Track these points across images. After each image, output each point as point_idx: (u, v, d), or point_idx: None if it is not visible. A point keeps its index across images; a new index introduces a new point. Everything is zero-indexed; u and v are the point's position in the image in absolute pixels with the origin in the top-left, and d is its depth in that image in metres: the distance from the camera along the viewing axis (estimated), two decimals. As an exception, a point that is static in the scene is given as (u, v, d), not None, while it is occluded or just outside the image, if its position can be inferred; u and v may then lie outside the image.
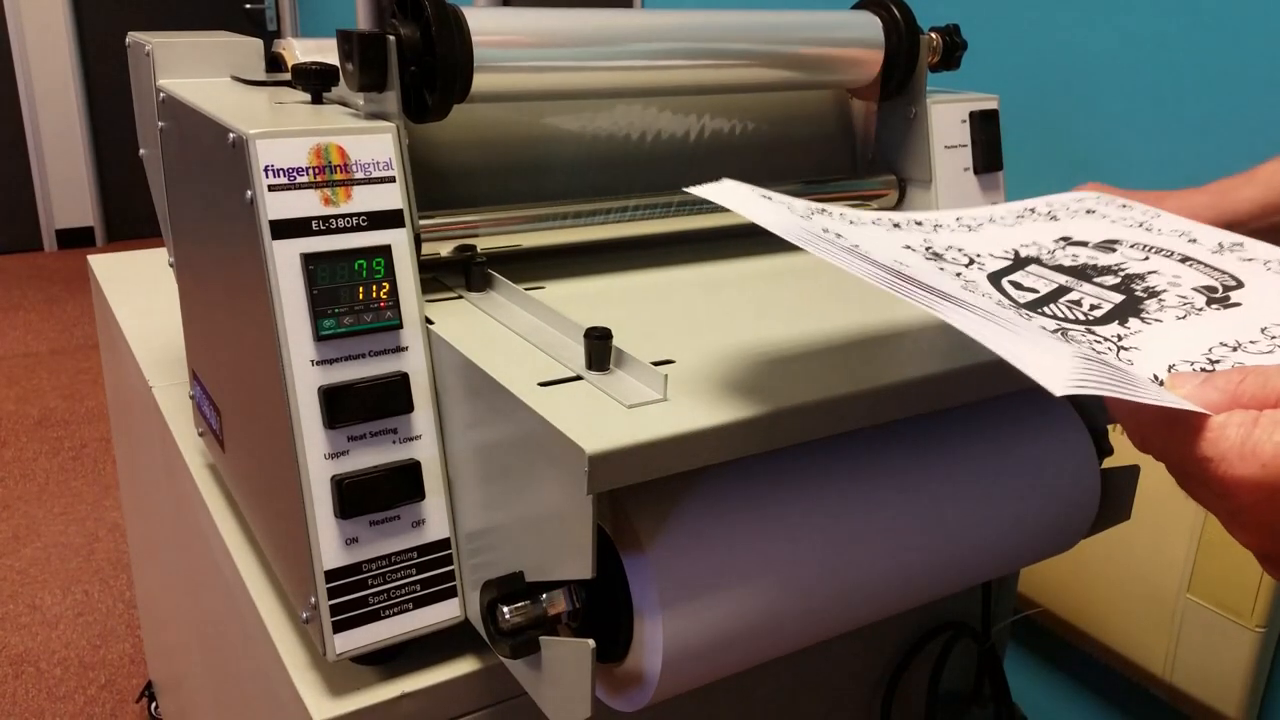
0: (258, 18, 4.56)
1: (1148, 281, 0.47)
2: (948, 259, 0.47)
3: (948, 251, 0.48)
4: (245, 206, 0.49)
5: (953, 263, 0.46)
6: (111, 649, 1.85)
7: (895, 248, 0.46)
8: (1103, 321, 0.43)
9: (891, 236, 0.47)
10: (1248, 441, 0.34)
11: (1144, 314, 0.44)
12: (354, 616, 0.50)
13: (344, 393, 0.49)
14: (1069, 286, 0.47)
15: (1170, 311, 0.44)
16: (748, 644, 0.49)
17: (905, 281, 0.38)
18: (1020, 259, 0.49)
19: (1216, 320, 0.44)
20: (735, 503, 0.48)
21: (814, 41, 0.67)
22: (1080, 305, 0.44)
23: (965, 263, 0.47)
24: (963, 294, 0.39)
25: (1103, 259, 0.50)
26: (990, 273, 0.46)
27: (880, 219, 0.50)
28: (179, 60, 0.70)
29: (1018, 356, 0.34)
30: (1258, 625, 0.92)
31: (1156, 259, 0.50)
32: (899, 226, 0.50)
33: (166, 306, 1.04)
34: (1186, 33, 0.96)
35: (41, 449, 2.60)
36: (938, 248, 0.48)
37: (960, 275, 0.44)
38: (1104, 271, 0.48)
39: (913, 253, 0.46)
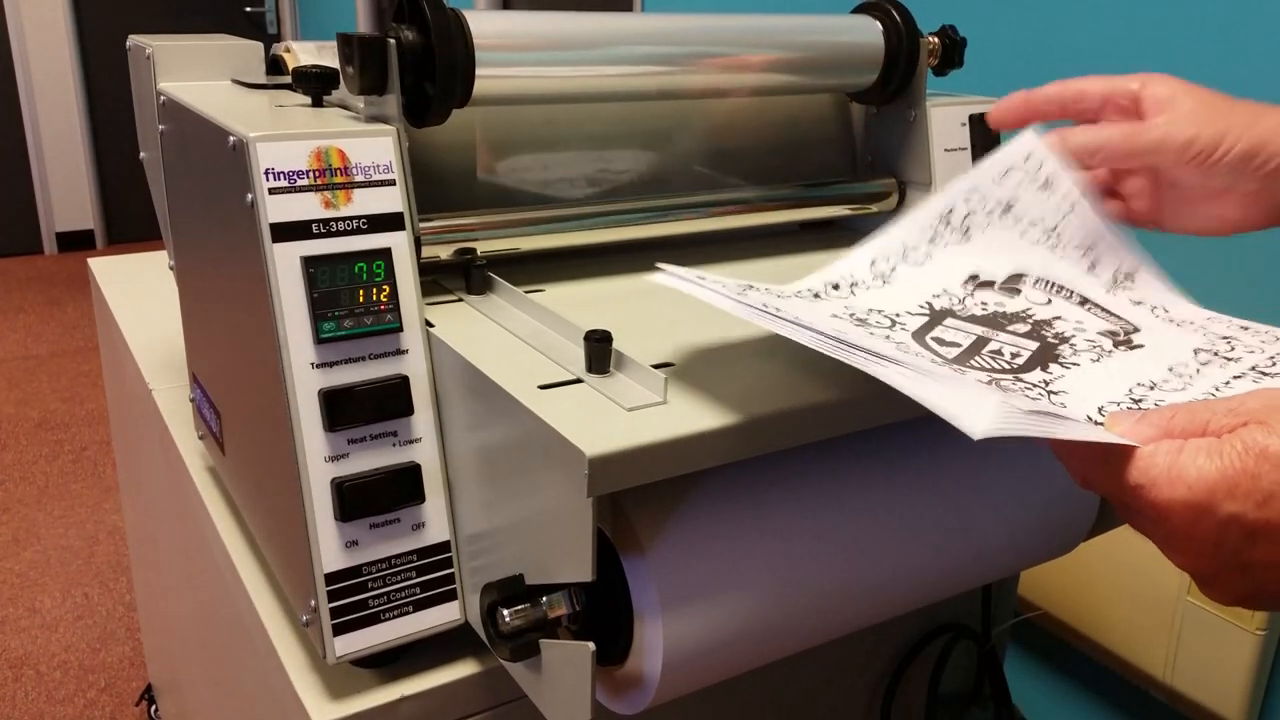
0: (258, 21, 4.56)
1: (1055, 328, 0.50)
2: (872, 323, 0.50)
3: (870, 315, 0.50)
4: (246, 209, 0.49)
5: (878, 326, 0.49)
6: (111, 652, 1.85)
7: (824, 317, 0.48)
8: (1026, 369, 0.46)
9: (815, 308, 0.50)
10: (1174, 467, 0.36)
11: (1060, 359, 0.47)
12: (354, 619, 0.50)
13: (344, 395, 0.49)
14: (987, 337, 0.50)
15: (1084, 355, 0.48)
16: (748, 646, 0.49)
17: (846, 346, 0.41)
18: (935, 313, 0.51)
19: (1128, 361, 0.47)
20: (735, 505, 0.48)
21: (814, 45, 0.67)
22: (1002, 355, 0.47)
23: (888, 325, 0.50)
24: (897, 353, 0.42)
25: (1009, 305, 0.53)
26: (913, 332, 0.49)
27: (801, 291, 0.52)
28: (179, 63, 0.70)
29: (938, 403, 0.36)
30: (1258, 628, 0.92)
31: (1059, 302, 0.53)
32: (819, 297, 0.52)
33: (167, 309, 1.04)
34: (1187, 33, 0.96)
35: (41, 452, 2.60)
36: (860, 313, 0.51)
37: (889, 338, 0.47)
38: (1014, 319, 0.52)
39: (841, 320, 0.49)
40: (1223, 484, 0.35)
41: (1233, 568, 0.37)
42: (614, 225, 0.63)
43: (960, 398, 0.37)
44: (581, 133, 0.66)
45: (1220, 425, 0.37)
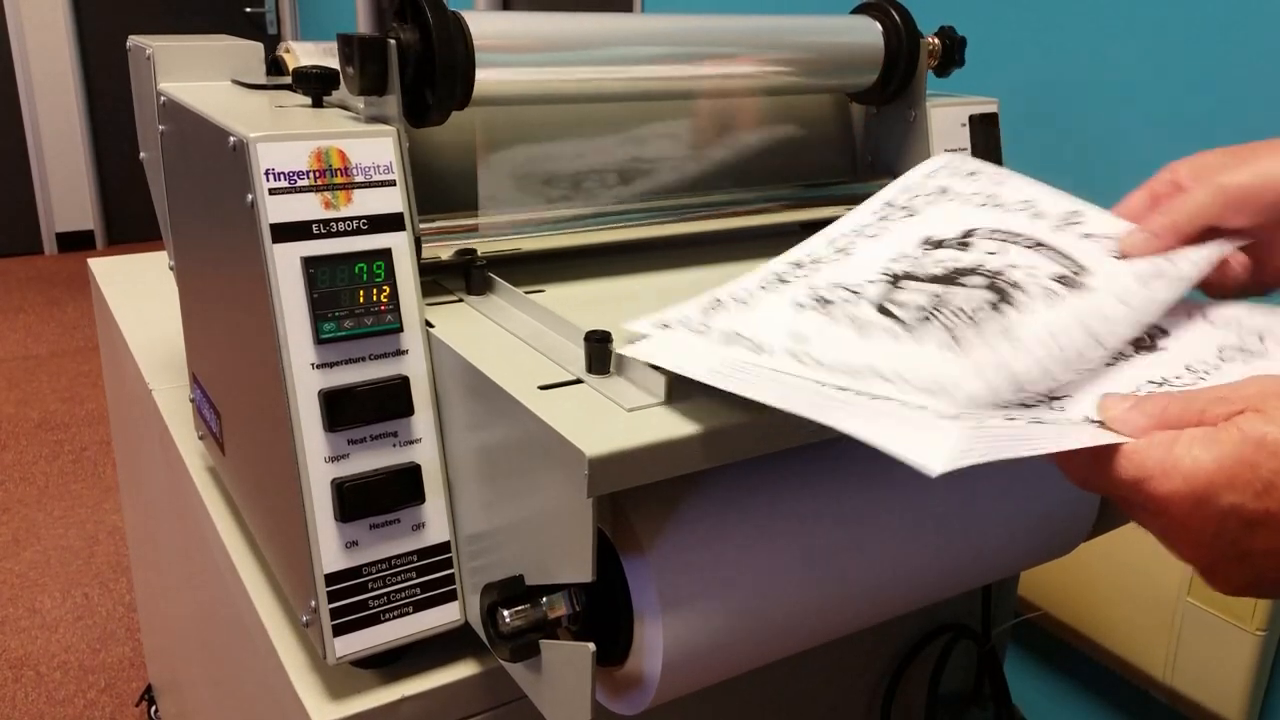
0: (258, 21, 4.56)
1: (1008, 275, 0.50)
2: (836, 301, 0.50)
3: (833, 292, 0.51)
4: (246, 210, 0.49)
5: (841, 303, 0.50)
6: (111, 652, 1.85)
7: (791, 315, 0.49)
8: (982, 323, 0.46)
9: (782, 296, 0.51)
10: (1169, 459, 0.36)
11: (1016, 304, 0.48)
12: (354, 620, 0.50)
13: (344, 396, 0.49)
14: (940, 295, 0.50)
15: (1036, 299, 0.48)
16: (748, 647, 0.49)
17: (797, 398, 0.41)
18: (895, 277, 0.52)
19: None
20: (735, 506, 0.48)
21: (814, 46, 0.67)
22: (962, 309, 0.47)
23: (850, 298, 0.51)
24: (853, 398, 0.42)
25: (965, 258, 0.53)
26: (875, 302, 0.50)
27: (768, 279, 0.54)
28: (179, 64, 0.70)
29: (895, 443, 0.36)
30: (1258, 629, 0.92)
31: (1011, 248, 0.53)
32: (784, 281, 0.53)
33: (166, 309, 1.04)
34: (1187, 33, 0.96)
35: (41, 452, 2.60)
36: (823, 291, 0.51)
37: (852, 319, 0.48)
38: (968, 272, 0.52)
39: (805, 310, 0.50)
40: (1221, 475, 0.35)
41: (1231, 558, 0.36)
42: (613, 226, 0.63)
43: (913, 435, 0.37)
44: (581, 133, 0.66)
45: (1216, 413, 0.36)
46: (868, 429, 0.37)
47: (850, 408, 0.40)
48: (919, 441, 0.36)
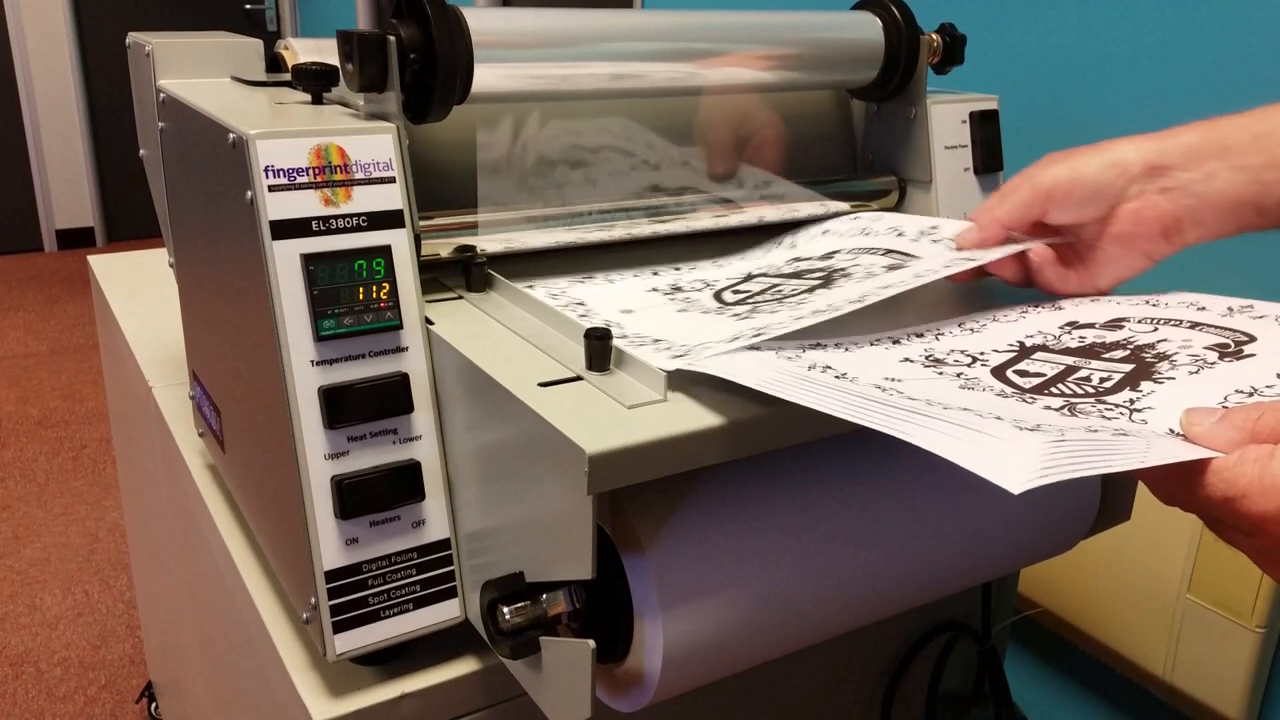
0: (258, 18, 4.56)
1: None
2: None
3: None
4: (245, 207, 0.49)
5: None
6: (111, 649, 1.85)
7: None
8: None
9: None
10: (1265, 475, 0.33)
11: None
12: (354, 617, 0.50)
13: (344, 393, 0.49)
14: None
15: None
16: (748, 644, 0.49)
17: (869, 409, 0.39)
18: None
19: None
20: (735, 503, 0.48)
21: (814, 42, 0.67)
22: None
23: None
24: (926, 409, 0.39)
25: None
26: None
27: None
28: (179, 61, 0.70)
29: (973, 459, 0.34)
30: (1258, 626, 0.92)
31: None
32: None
33: (166, 307, 1.04)
34: (1187, 32, 0.96)
35: (41, 449, 2.60)
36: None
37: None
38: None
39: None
40: None
41: None
42: (613, 223, 0.63)
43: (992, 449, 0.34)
44: (580, 130, 0.66)
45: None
46: (945, 444, 0.35)
47: (924, 419, 0.37)
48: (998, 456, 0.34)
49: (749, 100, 0.72)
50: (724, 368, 0.44)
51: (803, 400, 0.40)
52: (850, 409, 0.39)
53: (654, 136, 0.69)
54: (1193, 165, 0.51)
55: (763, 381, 0.42)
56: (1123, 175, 0.52)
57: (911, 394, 0.42)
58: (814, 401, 0.40)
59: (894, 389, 0.43)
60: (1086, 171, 0.53)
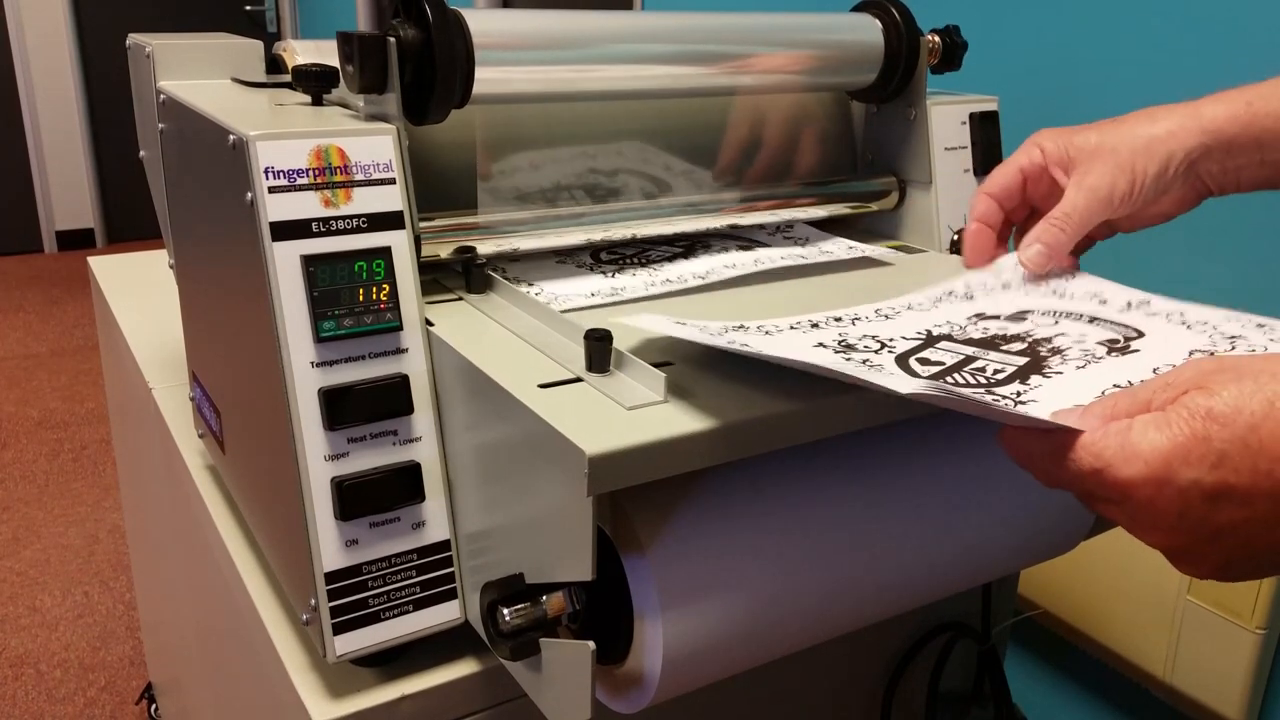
0: (258, 19, 4.56)
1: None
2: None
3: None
4: (245, 208, 0.49)
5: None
6: (111, 651, 1.85)
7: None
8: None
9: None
10: (1126, 445, 0.37)
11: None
12: (354, 618, 0.50)
13: (344, 394, 0.49)
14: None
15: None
16: (748, 645, 0.49)
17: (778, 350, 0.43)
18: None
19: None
20: (735, 504, 0.48)
21: (814, 44, 0.67)
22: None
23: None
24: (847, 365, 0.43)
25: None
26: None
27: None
28: (179, 62, 0.70)
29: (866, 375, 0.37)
30: (1258, 626, 0.92)
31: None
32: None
33: (166, 308, 1.04)
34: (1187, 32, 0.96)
35: (41, 450, 2.60)
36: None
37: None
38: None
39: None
40: (1176, 452, 0.36)
41: (1202, 538, 0.37)
42: (612, 224, 0.63)
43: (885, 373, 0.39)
44: (580, 131, 0.66)
45: (1162, 399, 0.37)
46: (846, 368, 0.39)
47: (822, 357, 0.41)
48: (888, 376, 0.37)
49: (748, 102, 0.72)
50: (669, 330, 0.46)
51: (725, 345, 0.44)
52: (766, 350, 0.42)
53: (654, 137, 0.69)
54: (1231, 158, 0.56)
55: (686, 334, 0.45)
56: (1174, 172, 0.56)
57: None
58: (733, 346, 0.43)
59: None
60: (1147, 179, 0.56)
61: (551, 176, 0.65)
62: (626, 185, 0.68)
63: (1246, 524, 0.36)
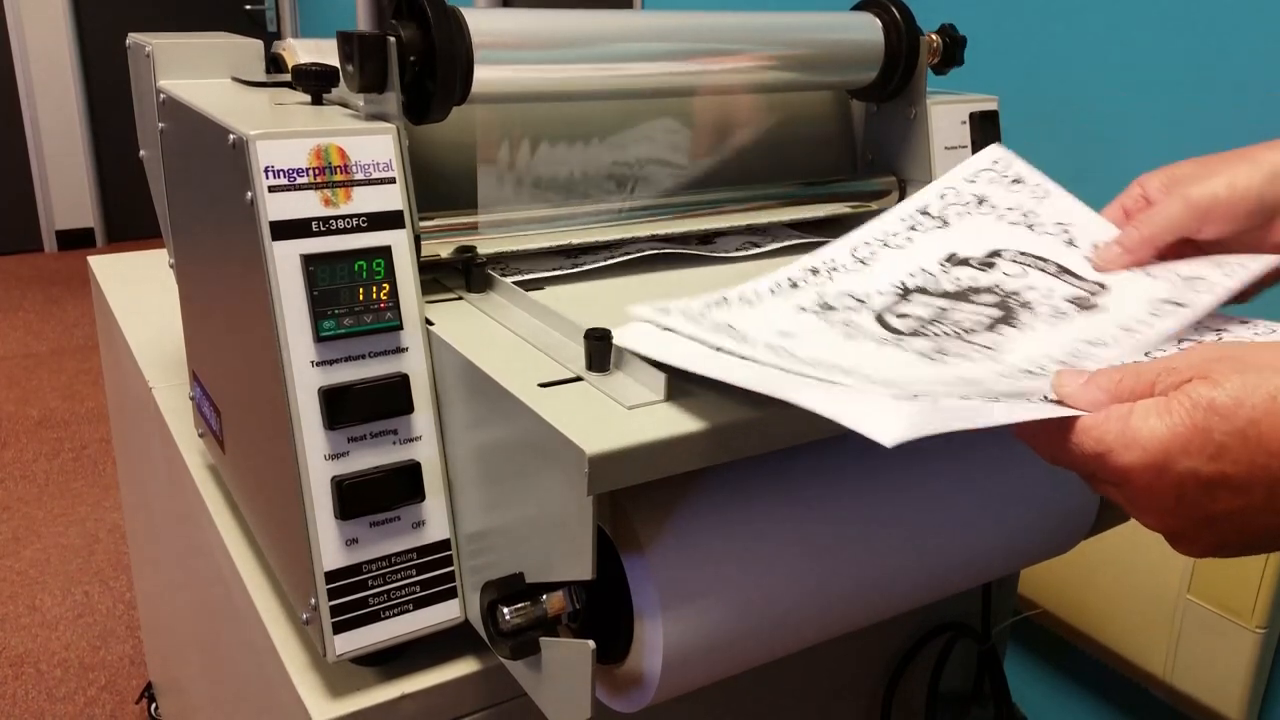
0: (258, 19, 4.56)
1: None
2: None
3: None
4: (245, 207, 0.49)
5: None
6: (111, 650, 1.85)
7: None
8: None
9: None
10: (1127, 431, 0.37)
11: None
12: (354, 617, 0.50)
13: (344, 394, 0.49)
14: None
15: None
16: (747, 645, 0.49)
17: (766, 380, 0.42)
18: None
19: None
20: (735, 504, 0.48)
21: (814, 42, 0.67)
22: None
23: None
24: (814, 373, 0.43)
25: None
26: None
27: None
28: (179, 61, 0.70)
29: (847, 415, 0.37)
30: (1258, 626, 0.92)
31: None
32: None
33: (166, 307, 1.04)
34: (1188, 31, 0.96)
35: (41, 450, 2.60)
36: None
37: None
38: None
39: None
40: (1175, 442, 0.36)
41: (1198, 522, 0.38)
42: (612, 223, 0.63)
43: (869, 408, 0.37)
44: (580, 131, 0.66)
45: (1166, 383, 0.38)
46: (824, 403, 0.38)
47: (809, 386, 0.40)
48: (872, 414, 0.36)
49: (748, 100, 0.72)
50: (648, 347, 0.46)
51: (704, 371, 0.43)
52: (744, 379, 0.42)
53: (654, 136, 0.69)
54: None
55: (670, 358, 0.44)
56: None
57: (801, 354, 0.45)
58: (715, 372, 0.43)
59: (784, 350, 0.46)
60: (1250, 186, 0.51)
61: (550, 174, 0.65)
62: (625, 183, 0.68)
63: (1242, 511, 0.37)
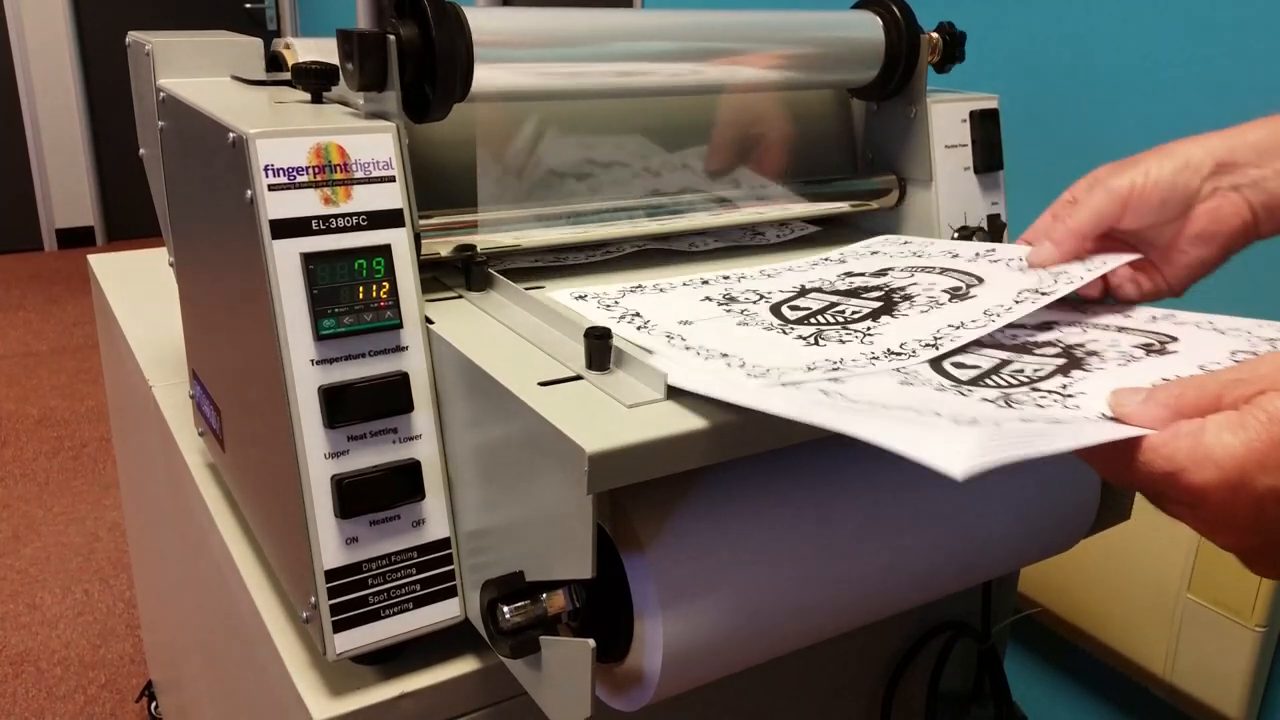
0: (258, 17, 4.56)
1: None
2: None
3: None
4: (245, 206, 0.49)
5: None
6: (111, 648, 1.85)
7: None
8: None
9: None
10: (1199, 448, 0.35)
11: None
12: (354, 616, 0.50)
13: (344, 392, 0.49)
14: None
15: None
16: (747, 644, 0.49)
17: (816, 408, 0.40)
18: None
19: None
20: (735, 502, 0.48)
21: (814, 41, 0.67)
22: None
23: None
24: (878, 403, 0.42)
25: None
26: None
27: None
28: (179, 60, 0.70)
29: (916, 448, 0.35)
30: (1258, 625, 0.92)
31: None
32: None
33: (166, 306, 1.04)
34: (1188, 31, 0.96)
35: (42, 448, 2.60)
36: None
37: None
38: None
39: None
40: (1252, 457, 0.34)
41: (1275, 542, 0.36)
42: (612, 222, 0.63)
43: (935, 438, 0.36)
44: (580, 129, 0.66)
45: (1235, 396, 0.36)
46: (889, 436, 0.36)
47: (869, 415, 0.39)
48: (939, 445, 0.35)
49: (749, 100, 0.72)
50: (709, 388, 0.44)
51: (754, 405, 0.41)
52: (799, 410, 0.40)
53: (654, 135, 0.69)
54: (1264, 162, 0.52)
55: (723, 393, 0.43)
56: (1196, 175, 0.53)
57: (854, 396, 0.43)
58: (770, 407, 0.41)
59: (679, 339, 0.48)
60: (1161, 173, 0.53)
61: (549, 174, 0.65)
62: (625, 182, 0.68)
63: None
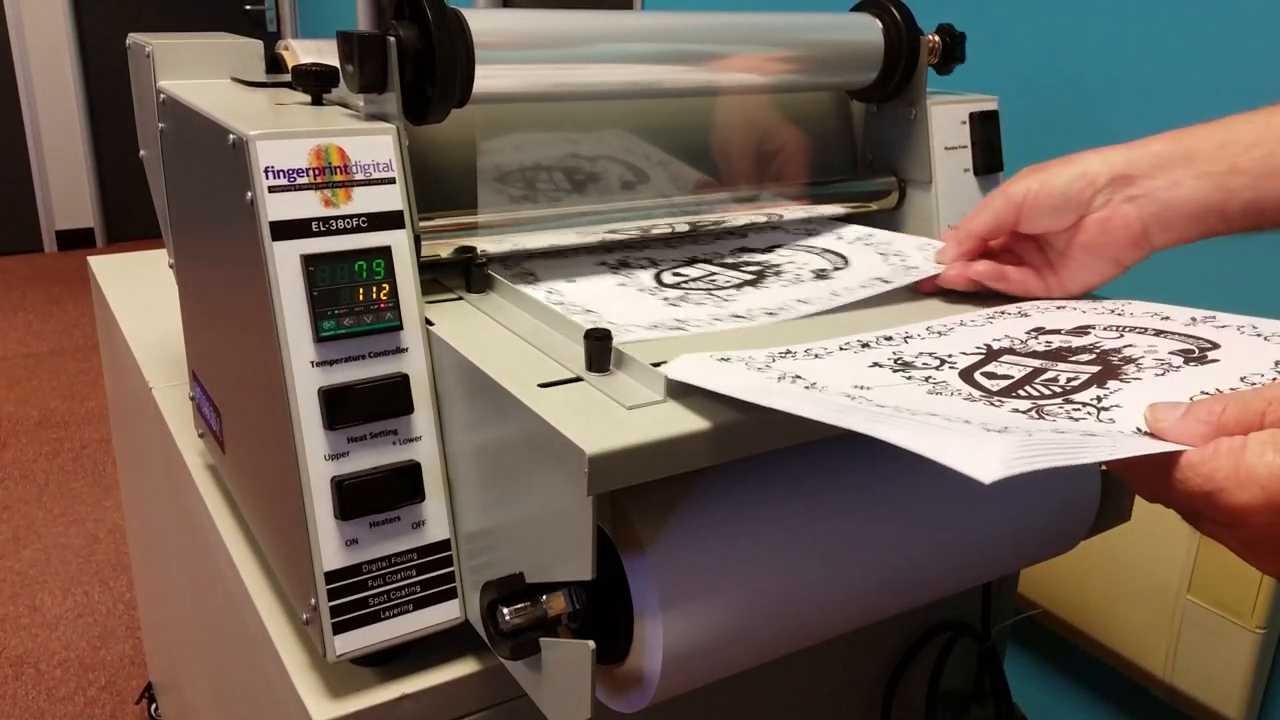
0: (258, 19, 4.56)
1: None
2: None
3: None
4: (245, 208, 0.49)
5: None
6: (111, 650, 1.85)
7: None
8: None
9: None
10: (1240, 468, 0.34)
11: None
12: (354, 618, 0.50)
13: (344, 394, 0.49)
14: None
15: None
16: (748, 645, 0.49)
17: (847, 411, 0.39)
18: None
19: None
20: (735, 504, 0.48)
21: (814, 43, 0.67)
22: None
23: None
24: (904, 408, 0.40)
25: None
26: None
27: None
28: (179, 61, 0.70)
29: (944, 453, 0.34)
30: (1258, 626, 0.92)
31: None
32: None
33: (166, 307, 1.04)
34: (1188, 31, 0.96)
35: (41, 450, 2.60)
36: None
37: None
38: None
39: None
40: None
41: None
42: (612, 223, 0.63)
43: (963, 443, 0.35)
44: (580, 131, 0.66)
45: (1278, 414, 0.35)
46: (916, 440, 0.35)
47: (896, 420, 0.38)
48: (969, 450, 0.34)
49: (749, 101, 0.72)
50: (703, 377, 0.44)
51: (775, 405, 0.40)
52: (824, 412, 0.39)
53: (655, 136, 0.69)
54: (1159, 173, 0.53)
55: (737, 389, 0.42)
56: (1090, 186, 0.55)
57: (880, 401, 0.42)
58: (787, 405, 0.40)
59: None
60: (1056, 183, 0.55)
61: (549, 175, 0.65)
62: (625, 182, 0.68)
63: None
